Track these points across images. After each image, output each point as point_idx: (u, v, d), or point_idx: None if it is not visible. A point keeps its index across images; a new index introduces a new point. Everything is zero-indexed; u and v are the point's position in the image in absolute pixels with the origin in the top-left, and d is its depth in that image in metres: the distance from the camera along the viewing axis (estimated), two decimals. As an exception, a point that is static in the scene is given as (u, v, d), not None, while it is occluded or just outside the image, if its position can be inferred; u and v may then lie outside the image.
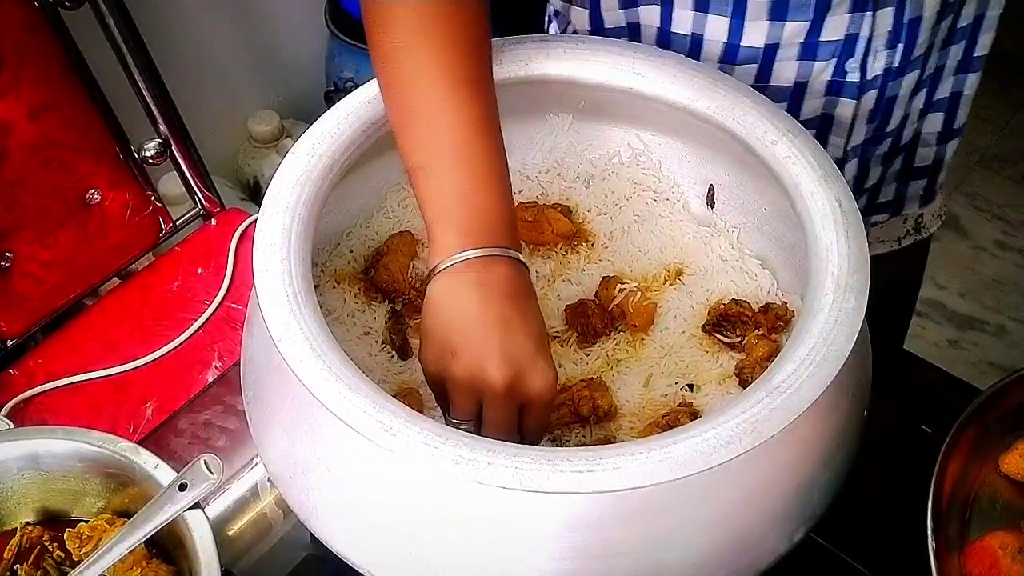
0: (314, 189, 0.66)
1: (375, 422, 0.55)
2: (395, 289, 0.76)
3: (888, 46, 0.78)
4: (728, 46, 0.78)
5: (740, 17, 0.76)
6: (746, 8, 0.75)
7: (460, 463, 0.53)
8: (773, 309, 0.74)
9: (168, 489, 0.67)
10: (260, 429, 0.67)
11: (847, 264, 0.62)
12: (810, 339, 0.58)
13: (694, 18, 0.78)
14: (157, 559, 0.70)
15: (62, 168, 0.96)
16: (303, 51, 1.67)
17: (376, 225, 0.81)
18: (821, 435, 0.62)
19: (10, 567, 0.71)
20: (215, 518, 0.76)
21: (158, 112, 1.03)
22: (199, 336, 0.98)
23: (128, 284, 1.04)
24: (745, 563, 0.61)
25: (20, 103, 0.90)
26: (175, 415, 0.91)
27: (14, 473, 0.72)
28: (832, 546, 0.74)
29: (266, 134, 1.64)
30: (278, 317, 0.59)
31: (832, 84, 0.80)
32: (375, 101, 0.71)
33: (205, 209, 1.11)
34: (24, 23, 0.89)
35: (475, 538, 0.58)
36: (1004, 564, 0.66)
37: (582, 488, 0.53)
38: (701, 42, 0.79)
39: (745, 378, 0.71)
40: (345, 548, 0.63)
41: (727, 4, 0.76)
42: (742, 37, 0.77)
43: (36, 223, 0.96)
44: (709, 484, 0.56)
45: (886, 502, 0.77)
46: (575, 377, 0.72)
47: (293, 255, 0.62)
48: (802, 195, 0.66)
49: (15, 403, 0.91)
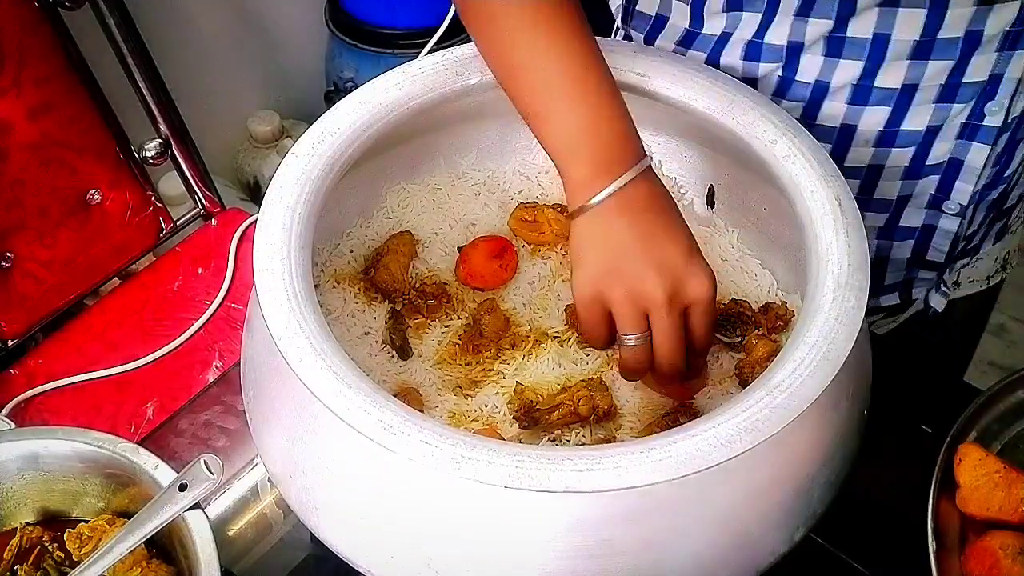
0: (314, 189, 0.66)
1: (375, 421, 0.55)
2: (395, 289, 0.76)
3: None
4: (858, 88, 0.75)
5: (878, 59, 0.73)
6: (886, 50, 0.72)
7: (460, 462, 0.53)
8: (773, 309, 0.74)
9: (168, 489, 0.67)
10: (260, 429, 0.67)
11: (847, 263, 0.62)
12: (810, 338, 0.58)
13: (823, 63, 0.75)
14: (157, 559, 0.70)
15: (62, 168, 0.96)
16: (303, 51, 1.67)
17: (376, 225, 0.81)
18: (821, 435, 0.62)
19: (10, 567, 0.71)
20: (215, 518, 0.76)
21: (158, 112, 1.03)
22: (199, 336, 0.98)
23: (128, 284, 1.04)
24: (745, 563, 0.61)
25: (20, 103, 0.90)
26: (175, 415, 0.91)
27: (14, 473, 0.72)
28: (832, 546, 0.74)
29: (266, 134, 1.64)
30: (278, 317, 0.59)
31: (967, 127, 0.76)
32: (375, 101, 0.71)
33: (205, 209, 1.11)
34: (24, 23, 0.89)
35: (475, 538, 0.58)
36: (1005, 564, 0.66)
37: (583, 487, 0.53)
38: (827, 88, 0.76)
39: (745, 378, 0.71)
40: (345, 548, 0.63)
41: (863, 47, 0.72)
42: (875, 78, 0.74)
43: (36, 223, 0.96)
44: (709, 484, 0.56)
45: (886, 502, 0.77)
46: (575, 377, 0.72)
47: (293, 255, 0.62)
48: (802, 194, 0.66)
49: (15, 403, 0.91)
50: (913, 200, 0.83)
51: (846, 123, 0.77)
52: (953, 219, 0.83)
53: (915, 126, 0.76)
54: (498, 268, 0.77)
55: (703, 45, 0.80)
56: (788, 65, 0.76)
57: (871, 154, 0.79)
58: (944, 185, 0.80)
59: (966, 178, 0.79)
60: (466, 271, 0.78)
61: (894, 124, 0.76)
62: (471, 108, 0.77)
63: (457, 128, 0.81)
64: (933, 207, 0.83)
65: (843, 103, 0.76)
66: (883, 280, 0.91)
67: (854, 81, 0.75)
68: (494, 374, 0.73)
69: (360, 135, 0.70)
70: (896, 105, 0.75)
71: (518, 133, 0.83)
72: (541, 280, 0.78)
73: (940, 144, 0.78)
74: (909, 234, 0.86)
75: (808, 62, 0.76)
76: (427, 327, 0.76)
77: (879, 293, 0.92)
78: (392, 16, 1.49)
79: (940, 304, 0.90)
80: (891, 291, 0.92)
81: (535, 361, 0.73)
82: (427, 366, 0.74)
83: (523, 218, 0.79)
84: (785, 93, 0.78)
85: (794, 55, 0.76)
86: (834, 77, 0.75)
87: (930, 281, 0.91)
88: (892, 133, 0.77)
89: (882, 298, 0.93)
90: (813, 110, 0.78)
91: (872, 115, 0.76)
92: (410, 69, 0.72)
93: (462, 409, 0.71)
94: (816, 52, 0.75)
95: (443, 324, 0.76)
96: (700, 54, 0.80)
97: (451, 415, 0.71)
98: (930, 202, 0.82)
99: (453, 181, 0.83)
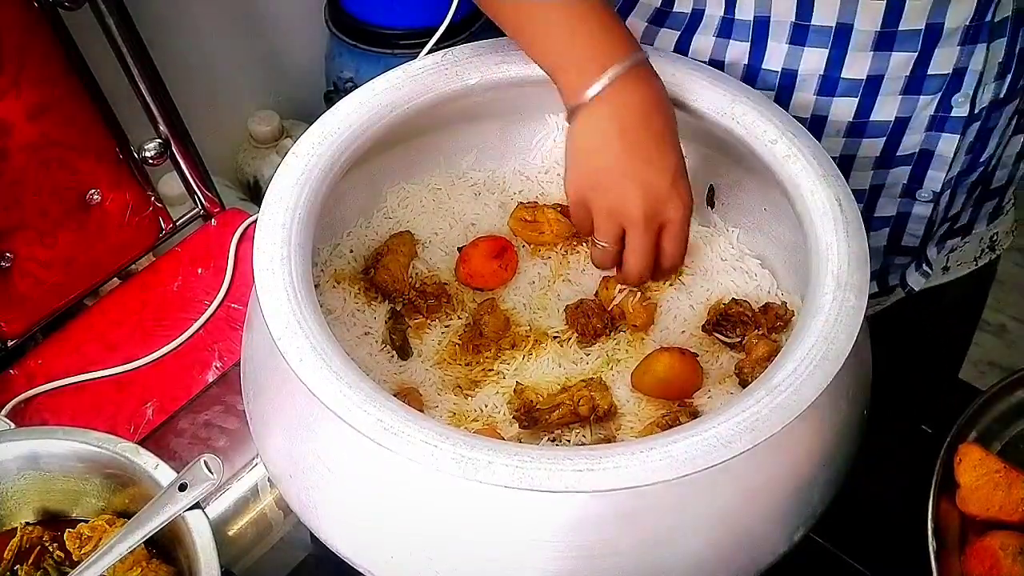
0: (314, 189, 0.66)
1: (375, 421, 0.55)
2: (395, 289, 0.76)
3: (997, 77, 0.76)
4: (825, 79, 0.76)
5: (842, 48, 0.74)
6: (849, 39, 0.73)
7: (460, 462, 0.53)
8: (773, 309, 0.74)
9: (168, 489, 0.67)
10: (260, 429, 0.67)
11: (847, 263, 0.62)
12: (810, 338, 0.58)
13: (788, 51, 0.76)
14: (157, 559, 0.70)
15: (62, 168, 0.96)
16: (303, 51, 1.67)
17: (376, 225, 0.81)
18: (821, 435, 0.62)
19: (10, 567, 0.71)
20: (215, 518, 0.76)
21: (158, 112, 1.02)
22: (199, 336, 0.98)
23: (128, 284, 1.04)
24: (745, 563, 0.61)
25: (20, 103, 0.90)
26: (175, 415, 0.91)
27: (14, 473, 0.72)
28: (832, 546, 0.74)
29: (266, 134, 1.64)
30: (278, 317, 0.59)
31: (936, 119, 0.78)
32: (375, 101, 0.71)
33: (205, 209, 1.11)
34: (24, 23, 0.89)
35: (475, 537, 0.58)
36: (1005, 565, 0.66)
37: (583, 487, 0.53)
38: (795, 76, 0.77)
39: (745, 378, 0.71)
40: (345, 548, 0.63)
41: (827, 35, 0.74)
42: (842, 69, 0.75)
43: (36, 223, 0.96)
44: (709, 483, 0.56)
45: (886, 502, 0.77)
46: (575, 377, 0.72)
47: (293, 255, 0.62)
48: (802, 194, 0.66)
49: (15, 403, 0.91)
50: (886, 190, 0.84)
51: (816, 114, 0.79)
52: (926, 205, 0.84)
53: (884, 116, 0.78)
54: (498, 268, 0.77)
55: (675, 23, 0.81)
56: (755, 51, 0.77)
57: (842, 144, 0.80)
58: (916, 175, 0.82)
59: (937, 167, 0.81)
60: (466, 271, 0.78)
61: (863, 115, 0.78)
62: (471, 108, 0.77)
63: (457, 128, 0.81)
64: (906, 195, 0.84)
65: (812, 94, 0.78)
66: None
67: (821, 71, 0.76)
68: (494, 374, 0.73)
69: (360, 135, 0.70)
70: (863, 96, 0.76)
71: (518, 133, 0.83)
72: (541, 280, 0.78)
73: (910, 135, 0.79)
74: (884, 223, 0.87)
75: (774, 49, 0.76)
76: (427, 327, 0.76)
77: None
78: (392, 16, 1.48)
79: (918, 283, 0.91)
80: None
81: (535, 361, 0.73)
82: (427, 366, 0.74)
83: (523, 218, 0.79)
84: (754, 82, 0.79)
85: (761, 38, 0.76)
86: (800, 65, 0.76)
87: (905, 265, 0.92)
88: (862, 124, 0.78)
89: None
90: (783, 100, 0.79)
91: (840, 106, 0.77)
92: (410, 69, 0.72)
93: (462, 409, 0.71)
94: (781, 40, 0.76)
95: (443, 324, 0.76)
96: (673, 32, 0.81)
97: (451, 415, 0.71)
98: (903, 191, 0.84)
99: (453, 181, 0.83)
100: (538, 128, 0.83)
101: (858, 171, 0.82)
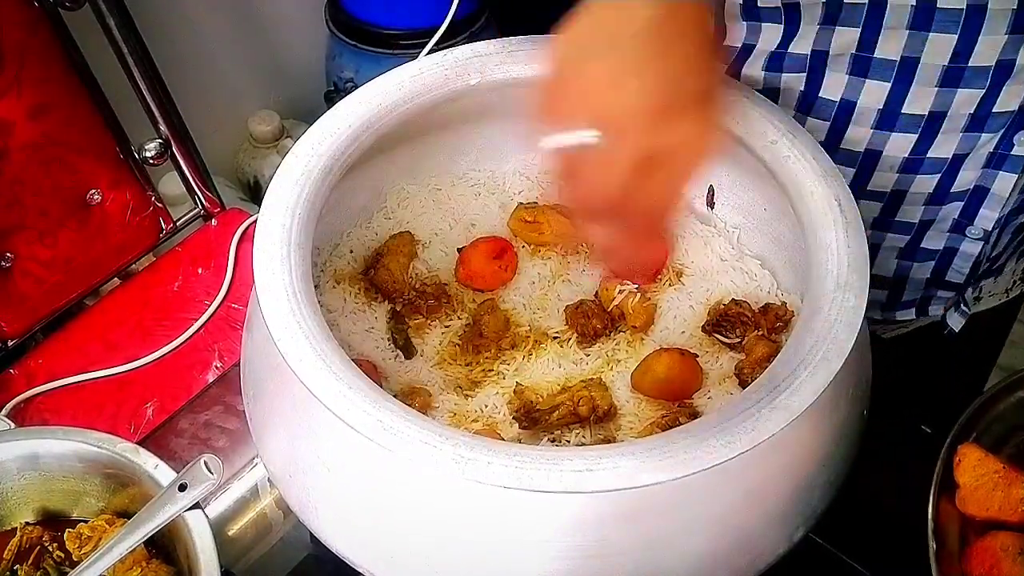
0: (314, 189, 0.66)
1: (375, 421, 0.55)
2: (395, 289, 0.76)
3: None
4: (885, 113, 0.73)
5: (905, 83, 0.70)
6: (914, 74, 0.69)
7: (460, 462, 0.53)
8: (773, 309, 0.74)
9: (168, 489, 0.67)
10: (260, 429, 0.67)
11: (847, 263, 0.62)
12: (810, 338, 0.58)
13: (848, 81, 0.72)
14: (157, 559, 0.70)
15: (62, 168, 0.96)
16: (303, 51, 1.67)
17: (376, 225, 0.81)
18: (821, 435, 0.62)
19: (10, 567, 0.71)
20: (215, 518, 0.76)
21: (158, 112, 1.02)
22: (199, 336, 0.98)
23: (128, 284, 1.04)
24: (745, 563, 0.62)
25: (20, 103, 0.90)
26: (175, 415, 0.91)
27: (14, 473, 0.72)
28: (832, 546, 0.74)
29: (266, 134, 1.64)
30: (278, 317, 0.59)
31: (995, 156, 0.74)
32: (375, 101, 0.71)
33: (205, 209, 1.11)
34: (24, 23, 0.89)
35: (475, 538, 0.58)
36: (1005, 565, 0.66)
37: (582, 488, 0.53)
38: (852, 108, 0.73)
39: (745, 378, 0.71)
40: (345, 548, 0.63)
41: (891, 69, 0.70)
42: (903, 104, 0.72)
43: (36, 223, 0.96)
44: (709, 484, 0.56)
45: (886, 502, 0.77)
46: (575, 377, 0.72)
47: (293, 255, 0.62)
48: (802, 194, 0.66)
49: (15, 403, 0.91)
50: (936, 224, 0.81)
51: (871, 148, 0.76)
52: (976, 243, 0.81)
53: (941, 154, 0.75)
54: (498, 269, 0.77)
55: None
56: (812, 80, 0.74)
57: (895, 179, 0.78)
58: (968, 211, 0.79)
59: (991, 205, 0.78)
60: (466, 272, 0.78)
61: (920, 151, 0.75)
62: (471, 108, 0.77)
63: (457, 128, 0.81)
64: (956, 231, 0.81)
65: (869, 128, 0.75)
66: (901, 297, 0.90)
67: (880, 105, 0.73)
68: (494, 374, 0.73)
69: (360, 135, 0.70)
70: (923, 132, 0.73)
71: (517, 133, 0.83)
72: (541, 280, 0.78)
73: (966, 172, 0.76)
74: (930, 256, 0.84)
75: (833, 79, 0.74)
76: (427, 327, 0.76)
77: (896, 308, 0.91)
78: (392, 16, 1.48)
79: (958, 324, 0.88)
80: (908, 307, 0.91)
81: (535, 361, 0.73)
82: (427, 366, 0.74)
83: (523, 219, 0.79)
84: (810, 111, 0.76)
85: (818, 68, 0.74)
86: (860, 98, 0.73)
87: (948, 299, 0.89)
88: (917, 160, 0.75)
89: (898, 313, 0.91)
90: (838, 133, 0.76)
91: (898, 141, 0.75)
92: (410, 69, 0.72)
93: (462, 409, 0.71)
94: (841, 69, 0.73)
95: (443, 324, 0.76)
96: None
97: (451, 415, 0.71)
98: (953, 227, 0.81)
99: (453, 181, 0.83)
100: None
101: (909, 205, 0.79)
